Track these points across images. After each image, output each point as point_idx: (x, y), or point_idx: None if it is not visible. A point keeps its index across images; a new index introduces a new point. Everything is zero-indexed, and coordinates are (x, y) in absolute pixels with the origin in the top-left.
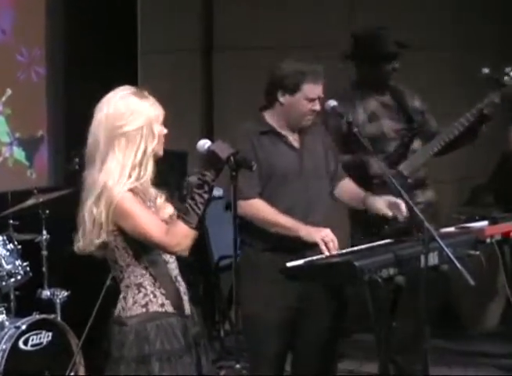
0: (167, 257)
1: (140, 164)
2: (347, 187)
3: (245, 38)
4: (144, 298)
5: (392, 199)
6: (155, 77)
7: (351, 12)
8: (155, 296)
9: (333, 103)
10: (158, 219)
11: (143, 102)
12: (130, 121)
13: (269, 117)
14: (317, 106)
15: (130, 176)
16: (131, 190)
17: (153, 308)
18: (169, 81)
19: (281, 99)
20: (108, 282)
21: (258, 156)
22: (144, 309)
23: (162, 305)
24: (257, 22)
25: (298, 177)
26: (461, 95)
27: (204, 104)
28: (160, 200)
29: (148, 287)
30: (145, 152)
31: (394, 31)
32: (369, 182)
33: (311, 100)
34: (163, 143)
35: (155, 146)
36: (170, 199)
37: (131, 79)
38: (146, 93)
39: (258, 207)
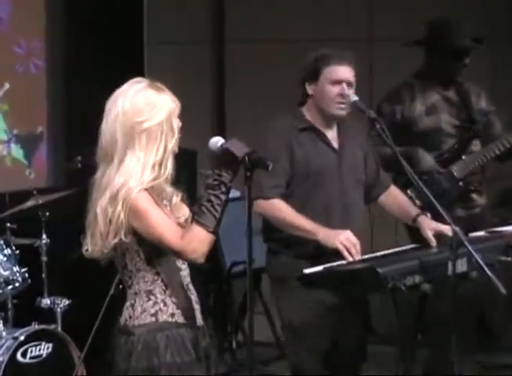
0: (180, 263)
1: (161, 163)
2: (398, 199)
3: (258, 30)
4: (154, 306)
5: (441, 227)
6: (161, 69)
7: (368, 8)
8: (165, 305)
9: (354, 97)
10: (174, 222)
11: (162, 95)
12: (151, 117)
13: (307, 113)
14: (345, 90)
15: (149, 175)
16: (145, 189)
17: (163, 317)
18: (176, 74)
19: (308, 90)
20: (112, 290)
21: (295, 154)
22: (153, 319)
23: (172, 314)
24: (270, 13)
25: (336, 178)
26: (497, 89)
27: (215, 99)
28: (176, 198)
29: (158, 294)
30: (165, 149)
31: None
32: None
33: (336, 83)
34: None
35: (174, 141)
36: (185, 199)
37: (136, 72)
38: (161, 85)
39: (278, 208)
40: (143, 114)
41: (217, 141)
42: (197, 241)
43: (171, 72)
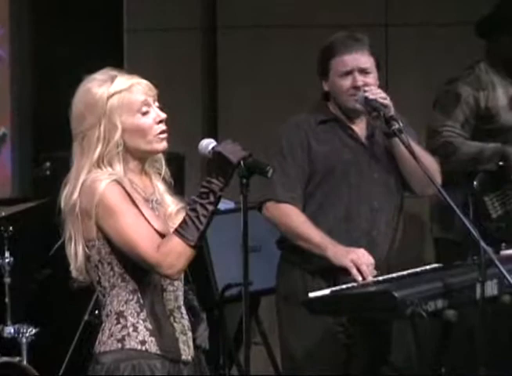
0: (166, 283)
1: (100, 163)
2: None
3: (257, 15)
4: (121, 330)
5: None
6: (143, 61)
7: None
8: (135, 330)
9: (364, 93)
10: (151, 228)
11: (101, 88)
12: (86, 118)
13: (331, 106)
14: (357, 81)
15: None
16: (118, 183)
17: (131, 344)
18: (161, 66)
19: (324, 86)
20: (87, 316)
21: (313, 150)
22: (119, 345)
23: (143, 342)
24: None
25: (364, 177)
26: None
27: (206, 95)
28: (176, 207)
29: (130, 317)
30: (105, 149)
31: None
32: (507, 177)
33: (347, 74)
34: (157, 136)
35: (127, 139)
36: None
37: (114, 64)
38: (117, 74)
39: (289, 214)
40: (78, 115)
41: (208, 144)
42: (175, 255)
43: (154, 64)
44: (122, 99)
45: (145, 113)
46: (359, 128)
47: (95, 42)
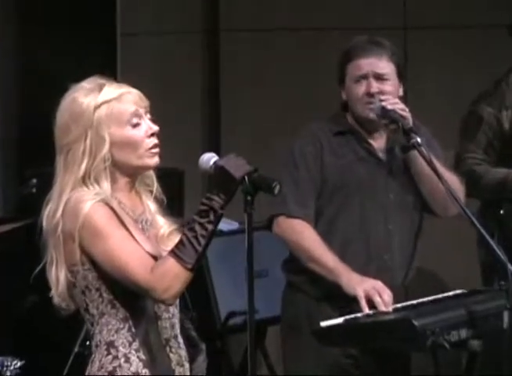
0: (161, 310)
1: (85, 179)
2: None
3: (263, 17)
4: (112, 362)
5: None
6: (139, 67)
7: None
8: (127, 361)
9: (380, 103)
10: (142, 250)
11: (88, 98)
12: (71, 129)
13: (349, 117)
14: (372, 87)
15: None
16: (105, 204)
17: None
18: (158, 73)
19: (343, 95)
20: (76, 348)
21: (326, 162)
22: None
23: (135, 374)
24: None
25: (379, 196)
26: None
27: (207, 105)
28: (168, 229)
29: (121, 347)
30: (95, 158)
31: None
32: None
33: (361, 79)
34: (149, 151)
35: (115, 153)
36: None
37: (107, 71)
38: (105, 83)
39: (301, 232)
40: (63, 127)
41: (209, 158)
42: (171, 277)
43: (150, 71)
44: (111, 109)
45: (135, 125)
46: (377, 142)
47: (86, 46)
